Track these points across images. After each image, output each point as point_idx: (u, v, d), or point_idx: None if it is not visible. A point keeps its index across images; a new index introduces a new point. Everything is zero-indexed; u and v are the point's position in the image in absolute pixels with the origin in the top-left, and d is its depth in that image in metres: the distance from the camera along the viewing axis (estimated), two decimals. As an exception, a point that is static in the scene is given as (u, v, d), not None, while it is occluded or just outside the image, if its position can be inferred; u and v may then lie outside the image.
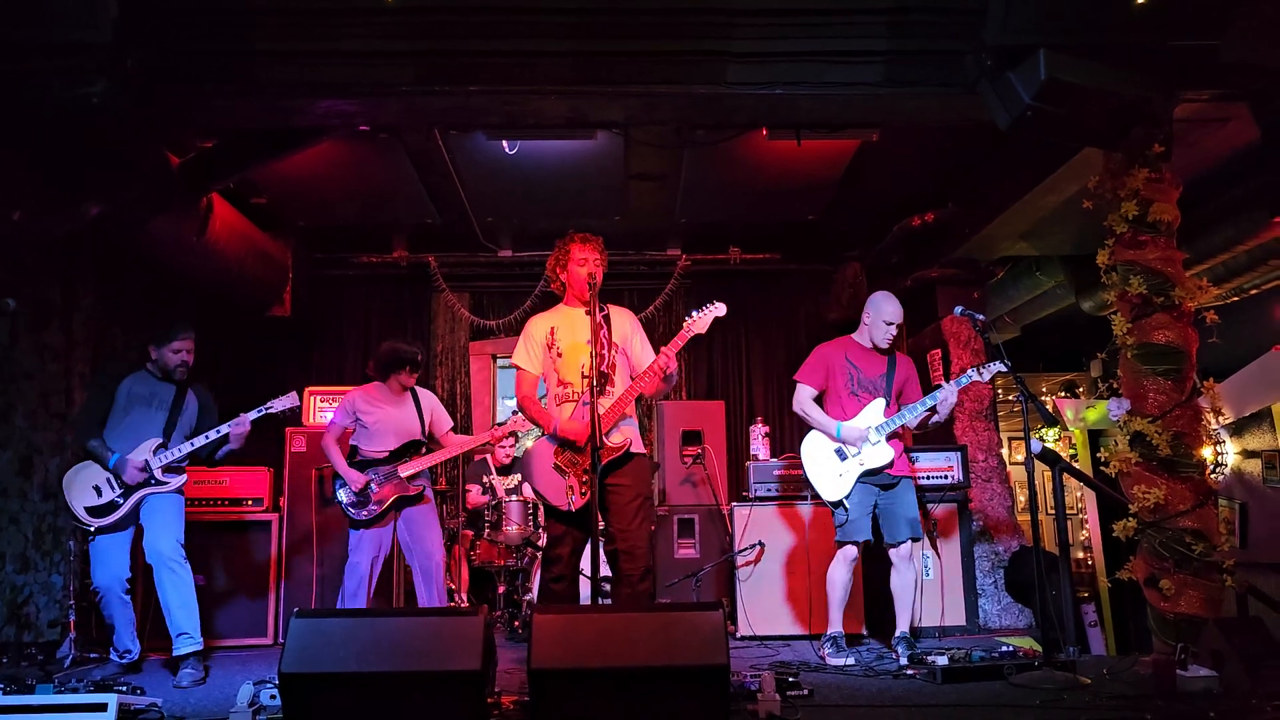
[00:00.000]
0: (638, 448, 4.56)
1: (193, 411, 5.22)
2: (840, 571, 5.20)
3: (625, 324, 4.75)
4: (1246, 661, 3.96)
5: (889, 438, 5.14)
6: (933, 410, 5.09)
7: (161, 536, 4.97)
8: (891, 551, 5.18)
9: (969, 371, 5.10)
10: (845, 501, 5.12)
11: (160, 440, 5.05)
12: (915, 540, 5.17)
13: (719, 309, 4.51)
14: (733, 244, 8.53)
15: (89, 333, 6.28)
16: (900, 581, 5.18)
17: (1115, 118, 4.49)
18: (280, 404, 5.25)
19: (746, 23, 4.47)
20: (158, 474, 5.00)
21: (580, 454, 4.45)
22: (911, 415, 5.09)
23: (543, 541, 5.97)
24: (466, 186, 6.99)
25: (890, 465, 5.11)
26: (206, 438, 5.06)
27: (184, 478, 5.12)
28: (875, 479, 5.14)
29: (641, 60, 4.56)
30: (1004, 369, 4.99)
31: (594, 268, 4.55)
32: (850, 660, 5.03)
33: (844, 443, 5.15)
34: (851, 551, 5.16)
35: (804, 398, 5.32)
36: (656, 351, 4.52)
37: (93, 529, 4.97)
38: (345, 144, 6.09)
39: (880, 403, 5.17)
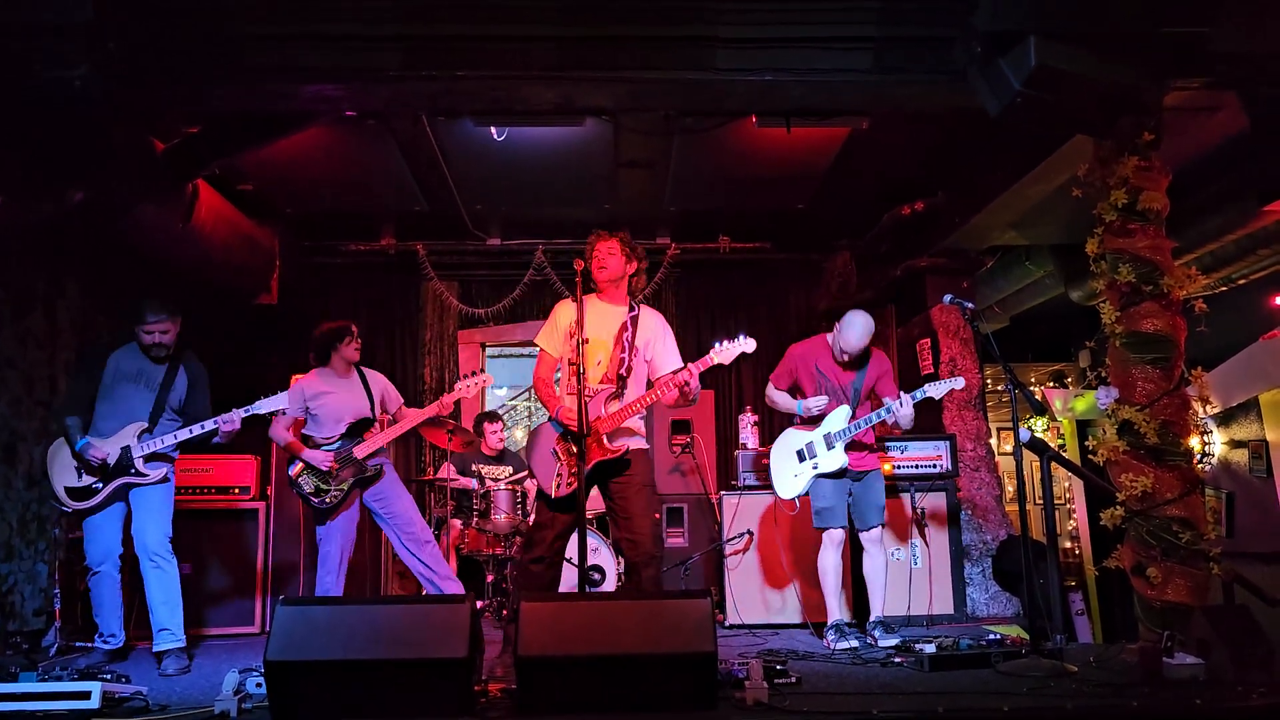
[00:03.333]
0: (637, 445, 4.60)
1: (182, 387, 5.12)
2: (830, 557, 5.30)
3: (652, 327, 4.76)
4: (1232, 649, 3.97)
5: (848, 446, 5.26)
6: (887, 421, 5.21)
7: (149, 529, 4.92)
8: (863, 536, 5.35)
9: (925, 387, 5.23)
10: (796, 500, 5.43)
11: (145, 425, 4.97)
12: (883, 525, 5.36)
13: (748, 345, 4.59)
14: (723, 233, 8.49)
15: (73, 320, 6.24)
16: (873, 565, 5.36)
17: (1105, 105, 4.49)
18: (268, 404, 5.13)
19: (735, 8, 4.44)
20: (139, 464, 4.92)
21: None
22: (866, 424, 5.23)
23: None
24: (455, 174, 6.94)
25: (844, 471, 5.26)
26: (191, 432, 4.96)
27: (167, 467, 5.03)
28: (840, 476, 5.30)
29: (630, 46, 4.52)
30: (959, 387, 5.28)
31: (605, 259, 4.66)
32: (854, 644, 5.08)
33: (808, 412, 5.35)
34: (837, 535, 5.29)
35: (770, 391, 5.62)
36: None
37: (69, 510, 4.92)
38: (333, 130, 6.04)
39: (844, 410, 5.30)
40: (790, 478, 5.36)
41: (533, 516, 5.21)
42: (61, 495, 4.92)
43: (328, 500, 5.34)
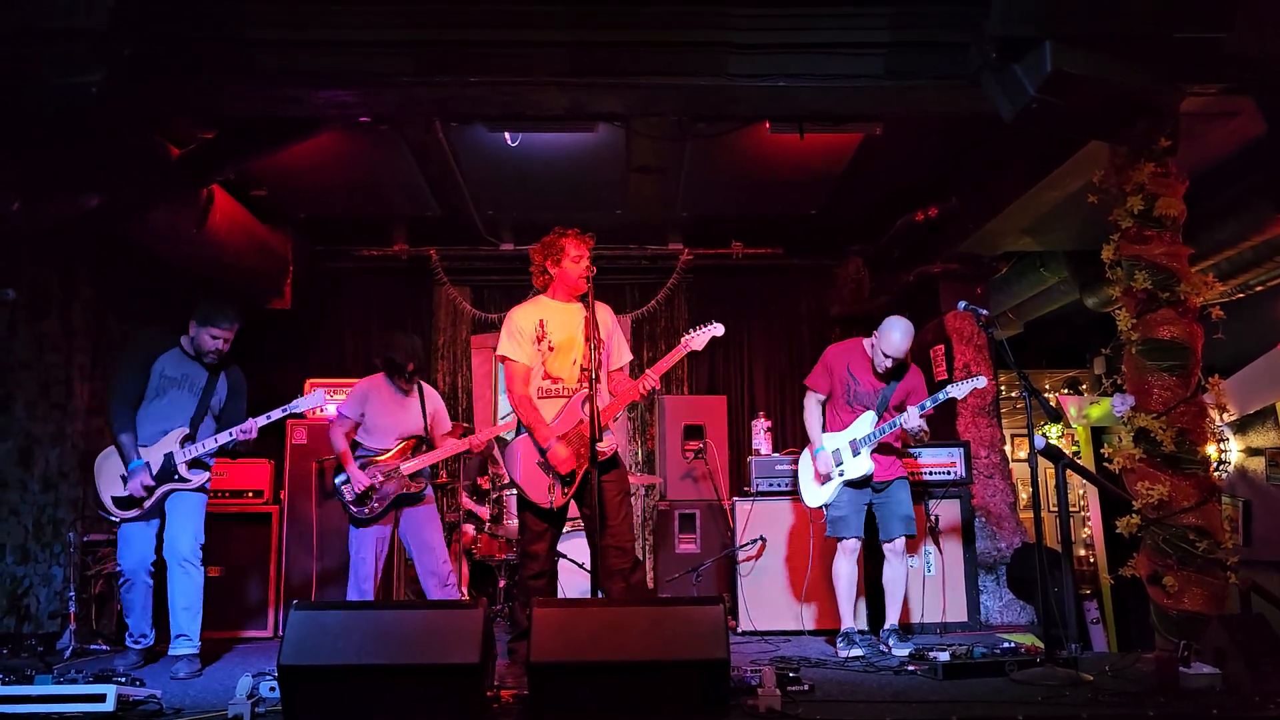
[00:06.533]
0: (618, 445, 4.69)
1: (222, 394, 5.15)
2: (843, 565, 5.26)
3: (608, 321, 4.85)
4: (1249, 659, 3.95)
5: (875, 450, 5.20)
6: (903, 431, 5.15)
7: (181, 534, 4.92)
8: (886, 546, 5.29)
9: (948, 389, 5.14)
10: (824, 508, 5.30)
11: (187, 431, 4.97)
12: (909, 536, 5.27)
13: (717, 329, 4.70)
14: (735, 238, 8.48)
15: (87, 323, 6.27)
16: (892, 575, 5.31)
17: (1120, 111, 4.46)
18: (304, 403, 5.21)
19: (748, 14, 4.44)
20: (182, 470, 4.92)
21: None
22: (889, 429, 5.16)
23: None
24: (467, 179, 6.96)
25: (870, 477, 5.19)
26: (217, 442, 4.97)
27: (207, 476, 5.05)
28: (863, 485, 5.24)
29: (642, 51, 4.52)
30: (980, 386, 5.11)
31: (590, 261, 4.61)
32: (862, 652, 5.06)
33: (815, 463, 5.31)
34: (850, 544, 5.24)
35: (809, 404, 5.45)
36: (658, 352, 4.62)
37: (117, 520, 4.94)
38: (346, 136, 6.07)
39: (870, 416, 5.24)
40: (817, 486, 5.34)
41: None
42: (109, 505, 4.93)
43: (366, 511, 5.36)
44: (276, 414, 5.14)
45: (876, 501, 5.26)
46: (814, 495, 5.36)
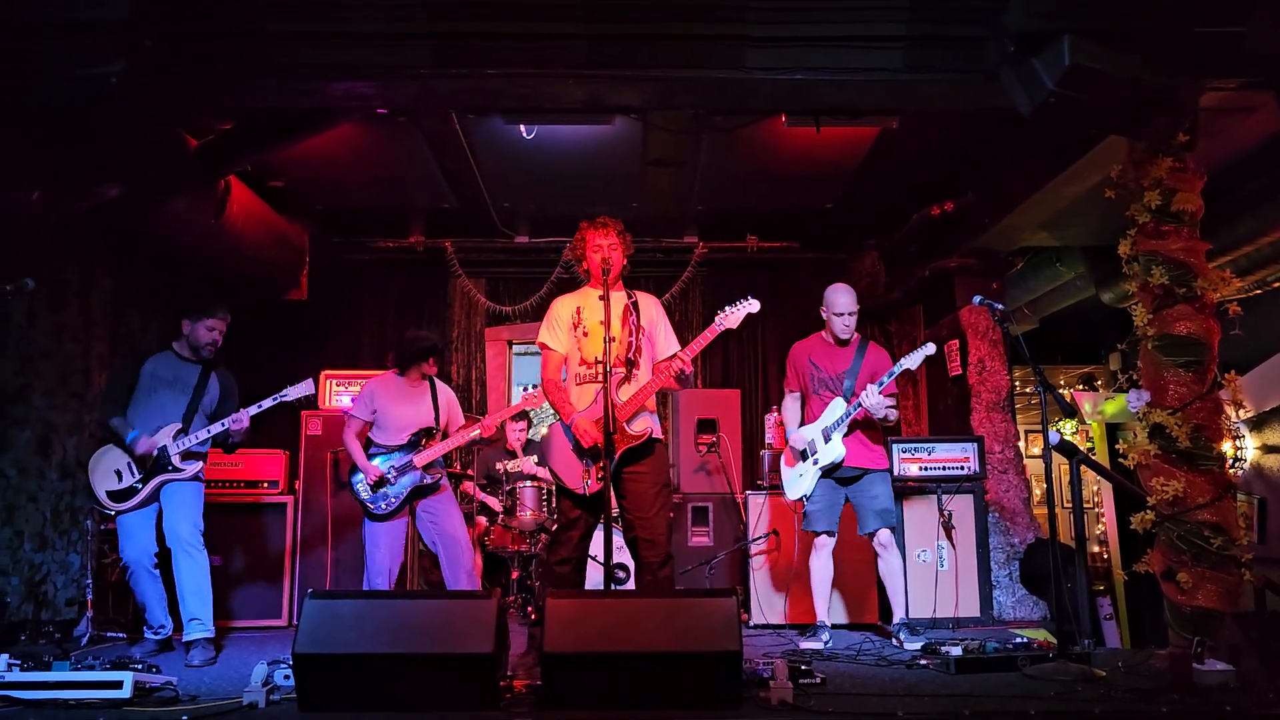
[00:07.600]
0: (656, 429, 4.57)
1: (214, 394, 5.25)
2: (815, 561, 5.40)
3: (651, 310, 4.80)
4: (1263, 656, 3.92)
5: (848, 437, 5.23)
6: (866, 410, 5.17)
7: (180, 520, 5.02)
8: (871, 541, 5.34)
9: (892, 369, 5.20)
10: (804, 499, 5.37)
11: (180, 426, 5.09)
12: (889, 529, 5.31)
13: (753, 305, 4.59)
14: (750, 232, 8.48)
15: (106, 313, 6.32)
16: (886, 568, 5.37)
17: (1139, 106, 4.44)
18: (295, 392, 5.27)
19: (766, 6, 4.43)
20: (175, 460, 5.03)
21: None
22: (849, 417, 5.20)
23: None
24: (484, 171, 6.97)
25: (842, 461, 5.22)
26: (209, 431, 5.09)
27: (201, 465, 5.15)
28: (835, 474, 5.30)
29: (659, 44, 4.51)
30: (930, 353, 5.17)
31: (607, 252, 4.60)
32: (816, 645, 5.14)
33: (791, 448, 5.43)
34: (822, 540, 5.34)
35: (786, 404, 5.60)
36: (681, 343, 4.56)
37: (112, 513, 5.04)
38: (363, 128, 6.09)
39: (839, 402, 5.29)
40: (796, 478, 5.41)
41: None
42: (104, 500, 5.04)
43: (383, 507, 5.42)
44: (267, 403, 5.23)
45: (852, 497, 5.33)
46: (793, 487, 5.43)
